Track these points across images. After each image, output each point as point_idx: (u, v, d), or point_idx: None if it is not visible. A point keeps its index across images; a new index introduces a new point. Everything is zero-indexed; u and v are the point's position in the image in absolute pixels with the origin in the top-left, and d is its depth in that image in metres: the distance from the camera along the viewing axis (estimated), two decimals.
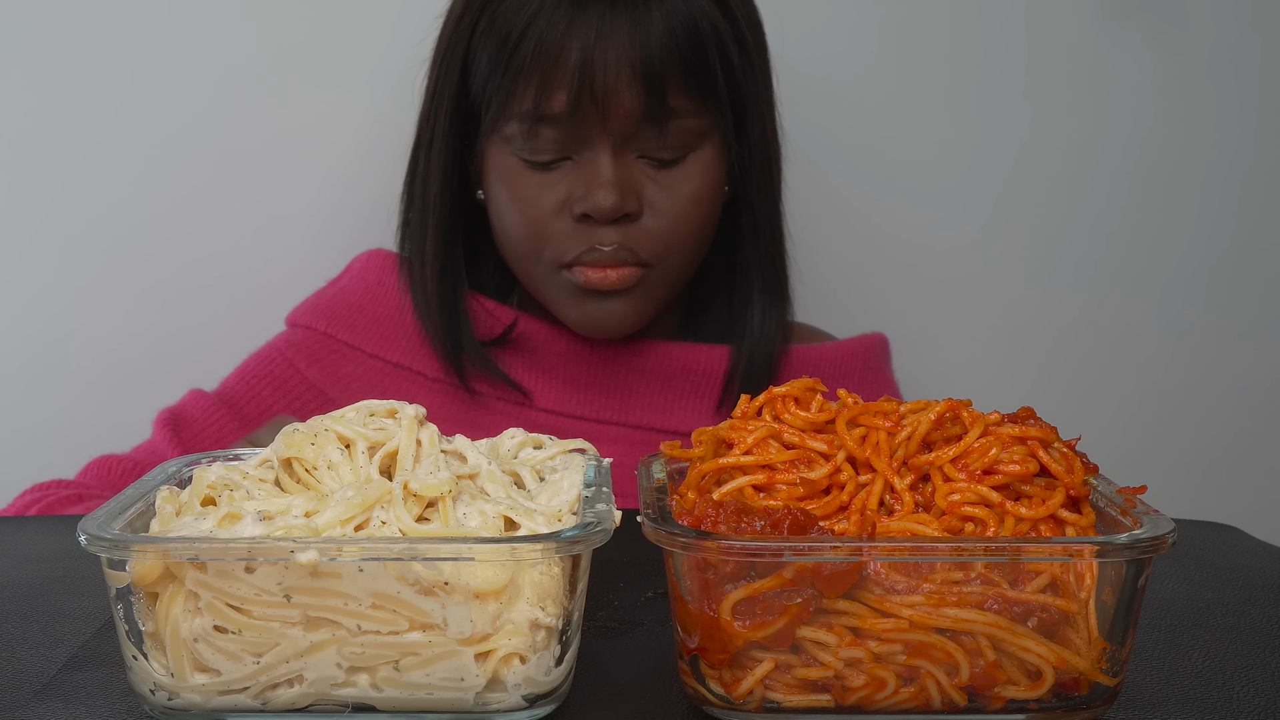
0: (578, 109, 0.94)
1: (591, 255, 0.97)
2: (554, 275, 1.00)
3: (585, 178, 0.96)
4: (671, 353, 1.06)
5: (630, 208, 0.96)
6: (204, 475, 0.58)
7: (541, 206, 0.98)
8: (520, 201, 0.99)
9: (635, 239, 0.97)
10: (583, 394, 1.06)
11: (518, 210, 0.99)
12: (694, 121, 0.97)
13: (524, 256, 1.01)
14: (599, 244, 0.97)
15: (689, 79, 0.95)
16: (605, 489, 0.58)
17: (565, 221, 0.97)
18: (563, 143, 0.96)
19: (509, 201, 0.99)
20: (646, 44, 0.93)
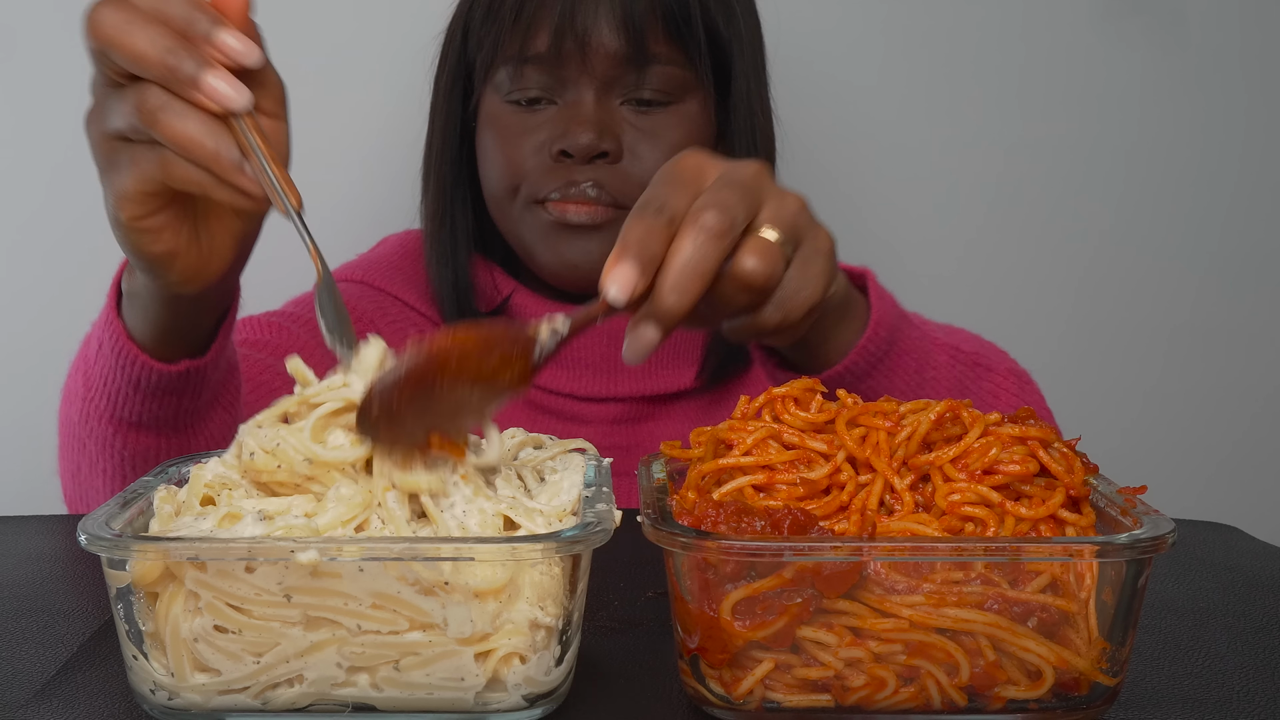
0: (560, 49, 0.97)
1: (566, 191, 0.99)
2: (528, 213, 1.02)
3: (566, 117, 0.99)
4: None
5: (607, 147, 0.98)
6: (201, 474, 0.58)
7: (522, 147, 1.01)
8: (503, 143, 1.02)
9: (611, 181, 0.99)
10: (570, 371, 1.06)
11: (500, 151, 1.02)
12: (676, 71, 1.00)
13: (502, 197, 1.03)
14: (575, 179, 0.99)
15: (669, 25, 0.98)
16: (605, 489, 0.58)
17: (543, 159, 1.00)
18: (547, 85, 1.00)
19: (493, 145, 1.03)
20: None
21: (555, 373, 1.06)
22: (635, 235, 0.61)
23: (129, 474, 0.81)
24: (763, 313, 0.65)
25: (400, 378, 0.55)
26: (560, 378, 1.06)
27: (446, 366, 0.56)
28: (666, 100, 1.00)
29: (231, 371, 0.82)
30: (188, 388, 0.77)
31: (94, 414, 0.80)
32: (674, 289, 0.60)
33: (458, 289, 1.06)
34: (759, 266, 0.62)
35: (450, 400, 0.57)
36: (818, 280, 0.66)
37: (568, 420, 1.06)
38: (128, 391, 0.77)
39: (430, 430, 0.57)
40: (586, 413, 1.06)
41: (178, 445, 0.80)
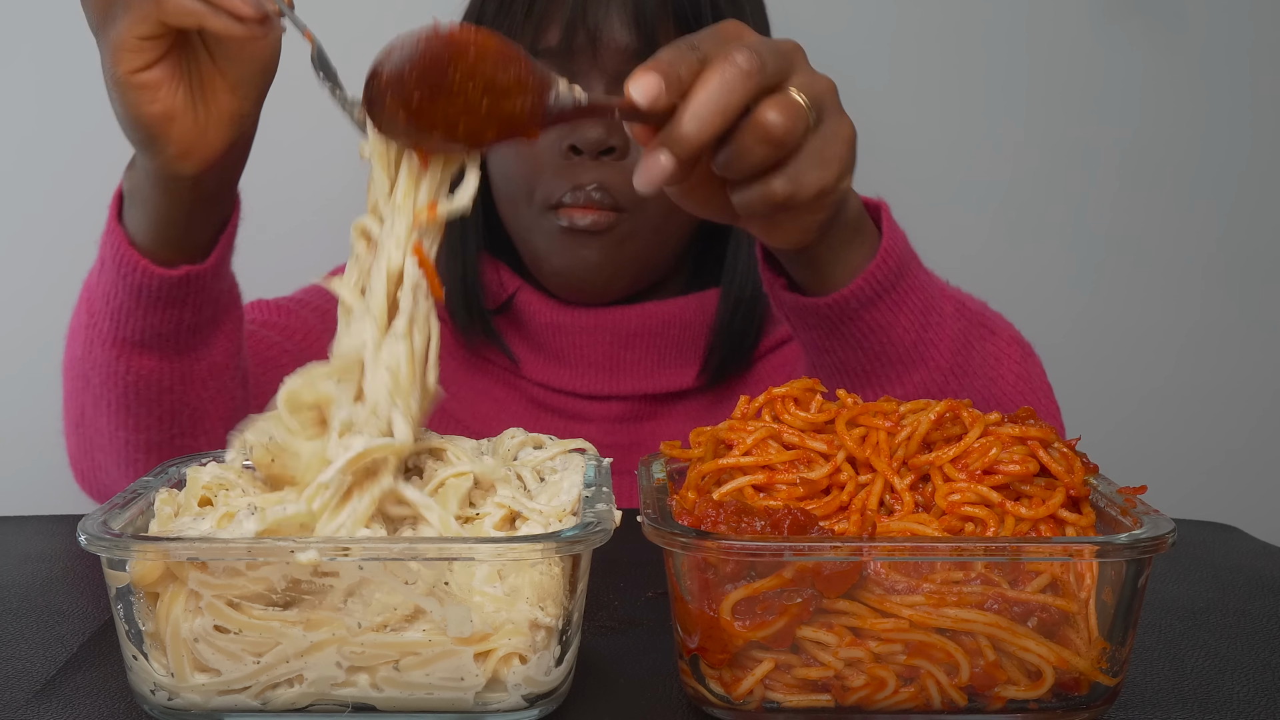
0: (571, 44, 0.98)
1: (575, 196, 0.99)
2: (541, 219, 1.02)
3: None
4: (659, 311, 1.07)
5: (615, 142, 0.99)
6: (198, 476, 0.58)
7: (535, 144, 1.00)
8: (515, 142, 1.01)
9: (616, 180, 0.99)
10: (572, 369, 1.06)
11: (512, 147, 1.02)
12: None
13: (516, 199, 1.03)
14: (582, 182, 0.99)
15: (680, 21, 0.98)
16: (605, 489, 0.58)
17: (554, 157, 1.00)
18: None
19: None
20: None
21: (557, 370, 1.06)
22: (666, 57, 0.61)
23: (132, 403, 0.81)
24: (773, 181, 0.65)
25: (417, 47, 0.54)
26: (562, 375, 1.06)
27: (465, 55, 0.55)
28: None
29: (233, 298, 0.82)
30: (188, 298, 0.77)
31: (97, 340, 0.80)
32: (695, 116, 0.60)
33: (466, 283, 1.06)
34: (780, 119, 0.62)
35: (459, 101, 0.56)
36: (833, 163, 0.66)
37: (569, 418, 1.06)
38: (130, 305, 0.77)
39: (433, 125, 0.56)
40: (588, 411, 1.06)
41: (180, 371, 0.80)
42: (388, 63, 0.55)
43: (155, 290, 0.76)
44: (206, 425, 0.83)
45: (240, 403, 0.85)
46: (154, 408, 0.81)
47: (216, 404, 0.83)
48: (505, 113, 0.57)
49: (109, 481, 0.88)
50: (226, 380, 0.83)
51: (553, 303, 1.07)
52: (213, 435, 0.84)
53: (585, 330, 1.05)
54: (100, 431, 0.84)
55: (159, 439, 0.83)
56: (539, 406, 1.07)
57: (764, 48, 0.63)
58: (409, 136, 0.57)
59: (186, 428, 0.83)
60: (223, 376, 0.82)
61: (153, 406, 0.81)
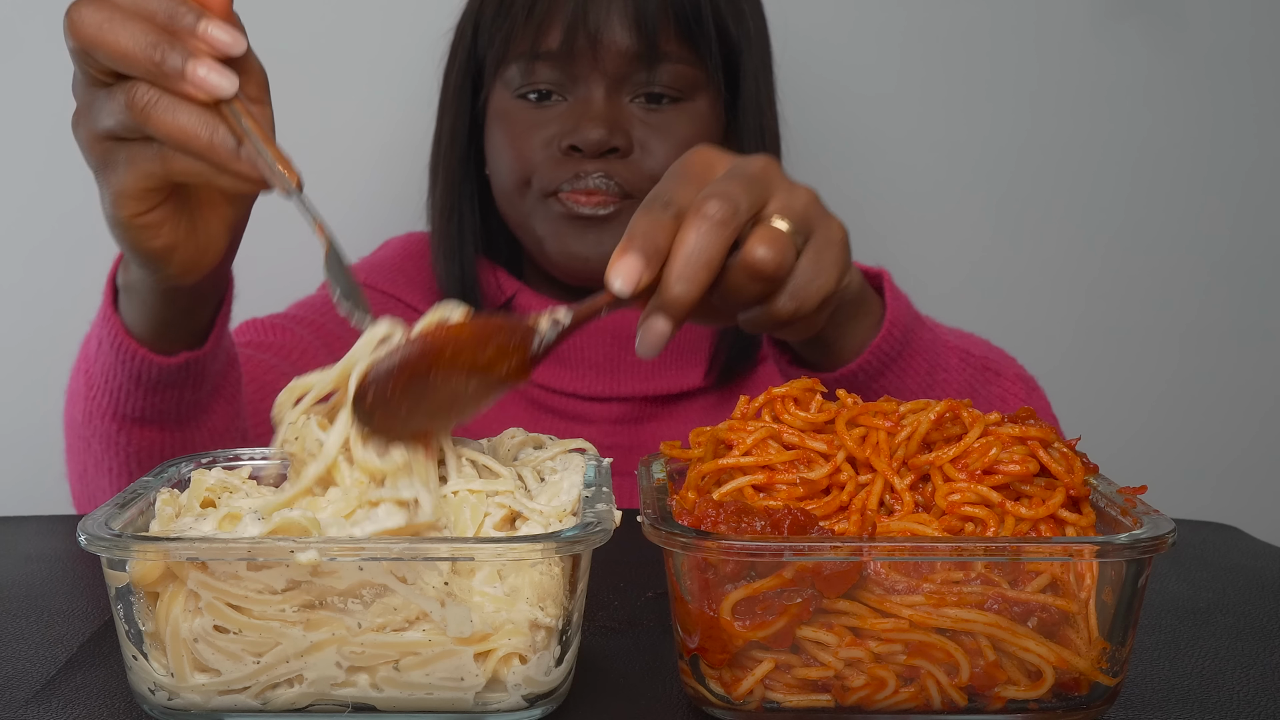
0: (572, 46, 0.98)
1: (576, 182, 1.00)
2: (540, 206, 1.02)
3: (576, 113, 1.00)
4: None
5: (617, 143, 0.99)
6: (203, 479, 0.59)
7: (532, 141, 1.02)
8: (513, 138, 1.03)
9: (620, 173, 1.00)
10: (574, 371, 1.06)
11: (510, 147, 1.03)
12: (686, 69, 1.01)
13: (513, 191, 1.04)
14: (584, 172, 1.00)
15: (680, 24, 0.99)
16: (605, 489, 0.58)
17: (552, 153, 1.01)
18: (558, 81, 1.01)
19: (503, 140, 1.04)
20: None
21: (559, 371, 1.07)
22: (640, 228, 0.61)
23: (134, 470, 0.81)
24: (776, 303, 0.65)
25: (394, 366, 0.55)
26: (564, 377, 1.06)
27: (441, 357, 0.56)
28: (676, 97, 1.01)
29: (231, 363, 0.82)
30: (188, 380, 0.77)
31: (97, 412, 0.80)
32: (680, 278, 0.60)
33: (464, 285, 1.06)
34: (768, 254, 0.62)
35: (446, 391, 0.57)
36: (831, 269, 0.66)
37: (571, 420, 1.07)
38: (129, 387, 0.77)
39: (426, 419, 0.56)
40: (590, 412, 1.06)
41: (181, 440, 0.80)
42: (370, 387, 0.56)
43: (155, 376, 0.76)
44: None
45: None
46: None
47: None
48: (494, 381, 0.58)
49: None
50: (227, 442, 0.83)
51: (551, 304, 1.06)
52: None
53: (585, 332, 1.05)
54: (103, 490, 0.85)
55: None
56: (539, 408, 1.07)
57: (735, 184, 0.62)
58: (403, 434, 0.57)
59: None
60: (223, 439, 0.83)
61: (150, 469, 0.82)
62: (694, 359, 1.07)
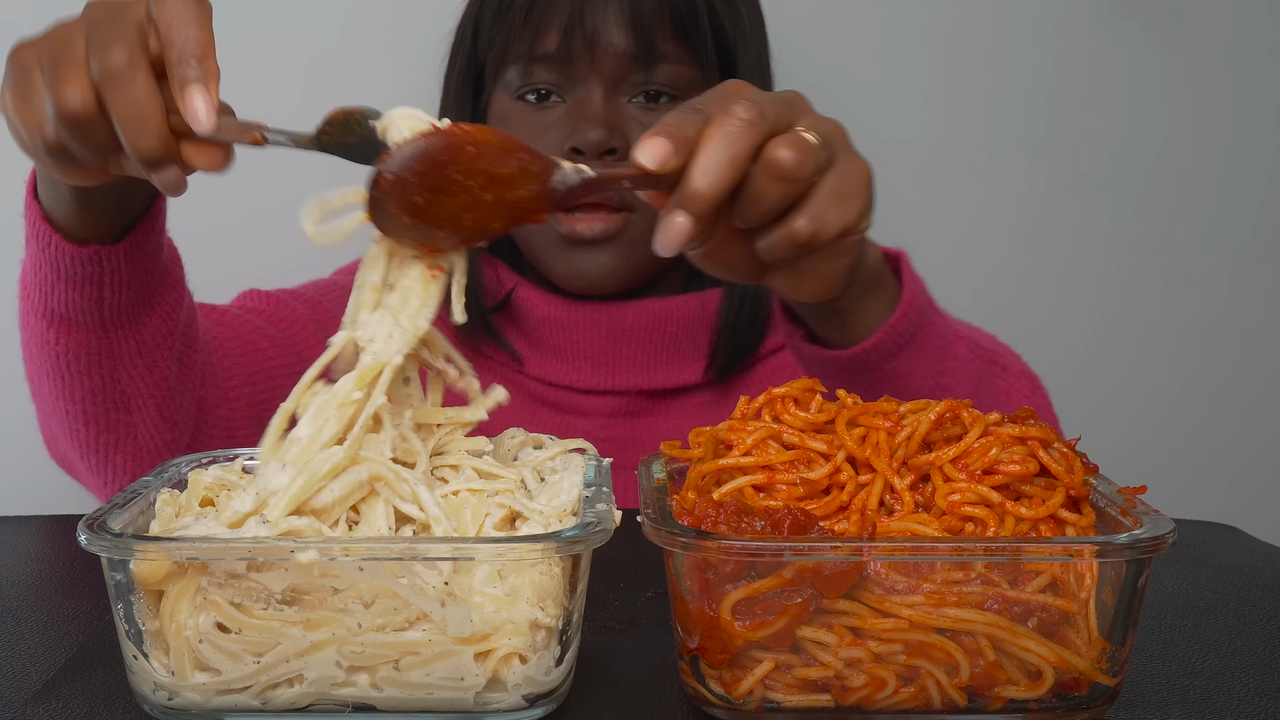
0: (569, 48, 0.99)
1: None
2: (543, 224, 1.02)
3: (576, 115, 1.01)
4: (655, 308, 1.07)
5: (616, 144, 1.00)
6: (200, 478, 0.59)
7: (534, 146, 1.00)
8: None
9: None
10: (568, 363, 1.07)
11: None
12: (682, 69, 1.01)
13: None
14: None
15: (676, 24, 1.00)
16: (605, 489, 0.58)
17: None
18: (556, 83, 1.02)
19: None
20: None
21: (554, 364, 1.07)
22: (671, 119, 0.61)
23: (65, 375, 0.81)
24: (795, 221, 0.64)
25: (416, 152, 0.55)
26: (559, 369, 1.07)
27: (464, 153, 0.56)
28: (674, 96, 1.02)
29: (170, 279, 0.82)
30: (105, 276, 0.77)
31: (31, 311, 0.80)
32: (703, 171, 0.60)
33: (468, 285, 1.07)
34: (790, 154, 0.62)
35: (463, 195, 0.56)
36: (853, 201, 0.66)
37: (567, 412, 1.07)
38: (52, 279, 0.77)
39: (438, 224, 0.56)
40: (585, 405, 1.07)
41: (107, 346, 0.80)
42: (387, 168, 0.55)
43: (70, 265, 0.76)
44: (138, 402, 0.83)
45: (175, 383, 0.84)
46: (85, 379, 0.81)
47: (146, 383, 0.83)
48: (510, 202, 0.58)
49: (64, 449, 0.89)
50: (158, 360, 0.82)
51: (549, 297, 1.07)
52: (145, 412, 0.83)
53: (581, 325, 1.06)
54: (46, 400, 0.85)
55: (94, 411, 0.83)
56: (536, 401, 1.08)
57: (764, 97, 0.63)
58: (414, 235, 0.57)
59: (119, 402, 0.83)
60: (154, 355, 0.82)
61: (83, 379, 0.81)
62: (691, 355, 1.07)
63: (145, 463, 0.85)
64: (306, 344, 1.01)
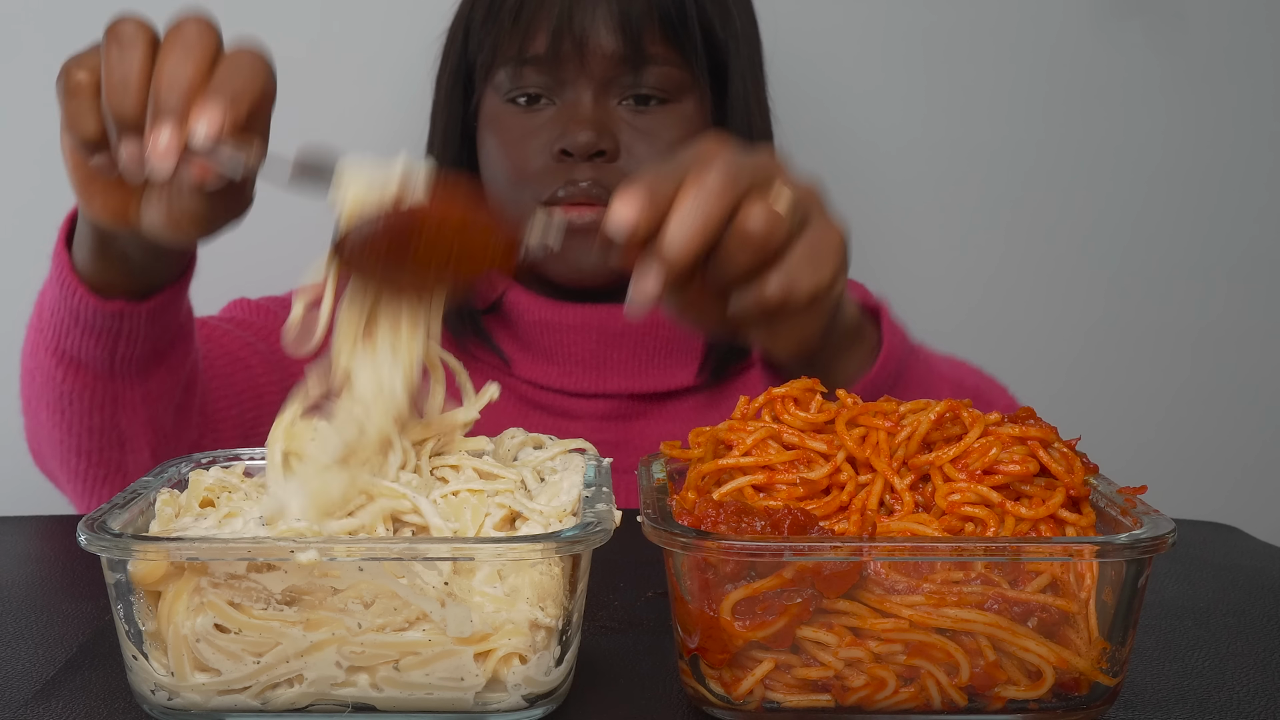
0: (559, 50, 0.99)
1: (568, 190, 1.00)
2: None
3: (565, 117, 1.01)
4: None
5: (606, 145, 1.00)
6: (201, 479, 0.59)
7: (525, 148, 1.02)
8: (505, 144, 1.03)
9: (610, 178, 1.00)
10: (560, 367, 1.07)
11: (502, 152, 1.03)
12: (672, 71, 1.01)
13: (507, 201, 1.04)
14: (576, 178, 1.00)
15: (666, 26, 1.00)
16: (605, 489, 0.58)
17: (545, 159, 1.01)
18: (546, 85, 1.02)
19: (495, 146, 1.04)
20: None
21: (545, 368, 1.07)
22: (646, 179, 0.62)
23: (65, 410, 0.82)
24: (767, 285, 0.64)
25: (374, 232, 0.56)
26: (551, 373, 1.07)
27: (423, 234, 0.56)
28: (664, 99, 1.02)
29: (182, 334, 0.83)
30: (123, 331, 0.78)
31: (41, 344, 0.81)
32: (674, 238, 0.61)
33: None
34: (759, 222, 0.62)
35: (425, 263, 0.57)
36: (826, 265, 0.66)
37: (558, 415, 1.07)
38: (69, 324, 0.78)
39: (401, 283, 0.57)
40: (577, 408, 1.07)
41: (111, 392, 0.81)
42: (351, 237, 0.56)
43: (90, 317, 0.77)
44: (133, 447, 0.84)
45: (171, 430, 0.85)
46: (85, 418, 0.82)
47: (145, 432, 0.84)
48: (475, 270, 0.58)
49: (52, 468, 0.90)
50: (159, 411, 0.83)
51: (541, 300, 1.07)
52: (138, 455, 0.85)
53: (572, 328, 1.06)
54: (41, 424, 0.86)
55: (88, 447, 0.84)
56: (528, 404, 1.08)
57: (739, 161, 0.63)
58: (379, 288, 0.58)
59: (113, 442, 0.84)
60: (155, 407, 0.83)
61: (84, 417, 0.82)
62: (683, 358, 1.07)
63: None
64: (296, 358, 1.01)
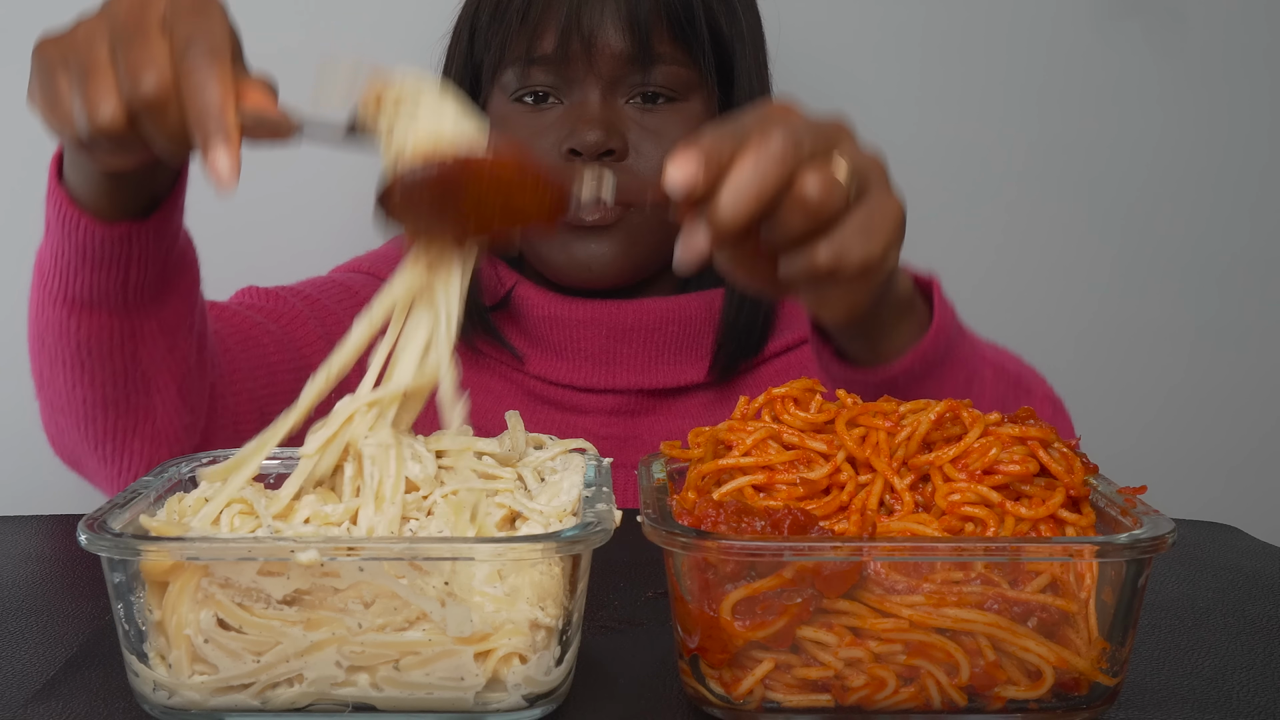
0: (566, 50, 0.99)
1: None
2: None
3: (573, 116, 1.01)
4: (656, 308, 1.07)
5: (614, 145, 1.00)
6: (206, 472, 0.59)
7: (533, 147, 1.02)
8: None
9: (619, 177, 0.99)
10: (569, 362, 1.07)
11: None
12: (680, 70, 1.02)
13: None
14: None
15: (673, 25, 1.00)
16: (605, 489, 0.58)
17: (553, 159, 1.01)
18: (554, 85, 1.02)
19: None
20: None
21: (554, 363, 1.07)
22: (708, 141, 0.61)
23: (85, 362, 0.81)
24: (817, 250, 0.64)
25: (424, 180, 0.56)
26: (560, 368, 1.07)
27: (474, 187, 0.57)
28: (671, 98, 1.02)
29: (187, 259, 0.82)
30: (133, 255, 0.77)
31: (48, 300, 0.80)
32: (729, 200, 0.60)
33: None
34: (815, 190, 0.62)
35: (471, 214, 0.58)
36: (879, 236, 0.65)
37: (567, 410, 1.07)
38: (76, 263, 0.77)
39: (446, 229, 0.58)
40: (586, 403, 1.07)
41: (130, 327, 0.80)
42: (395, 191, 0.57)
43: (99, 247, 0.76)
44: (159, 383, 0.83)
45: (195, 365, 0.84)
46: (106, 363, 0.81)
47: (168, 363, 0.82)
48: (522, 222, 0.59)
49: (72, 444, 0.88)
50: (179, 339, 0.82)
51: (549, 295, 1.07)
52: (165, 394, 0.83)
53: (581, 324, 1.06)
54: (59, 392, 0.84)
55: (114, 395, 0.82)
56: (536, 399, 1.08)
57: (804, 126, 0.63)
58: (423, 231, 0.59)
59: (139, 385, 0.82)
60: (175, 335, 0.82)
61: (105, 362, 0.81)
62: (692, 355, 1.07)
63: (162, 449, 0.85)
64: (306, 340, 1.01)
